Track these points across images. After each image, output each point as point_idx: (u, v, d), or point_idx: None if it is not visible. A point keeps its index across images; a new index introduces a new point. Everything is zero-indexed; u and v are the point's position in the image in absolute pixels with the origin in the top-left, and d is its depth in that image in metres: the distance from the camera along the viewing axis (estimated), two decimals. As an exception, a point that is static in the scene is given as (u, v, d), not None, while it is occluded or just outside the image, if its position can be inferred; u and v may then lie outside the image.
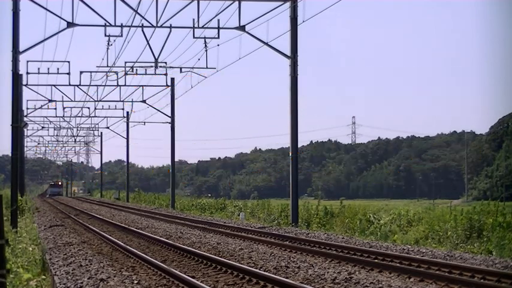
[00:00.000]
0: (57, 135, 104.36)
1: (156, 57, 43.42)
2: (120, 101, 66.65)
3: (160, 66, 49.84)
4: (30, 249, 20.47)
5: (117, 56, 52.17)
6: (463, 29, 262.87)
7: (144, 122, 74.90)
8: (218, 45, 42.28)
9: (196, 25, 37.79)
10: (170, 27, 37.95)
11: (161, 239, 26.38)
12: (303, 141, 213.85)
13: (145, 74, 53.38)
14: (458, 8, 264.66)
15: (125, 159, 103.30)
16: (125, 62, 51.20)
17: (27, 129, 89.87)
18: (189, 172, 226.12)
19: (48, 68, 53.11)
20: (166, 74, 56.52)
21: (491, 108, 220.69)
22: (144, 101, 65.79)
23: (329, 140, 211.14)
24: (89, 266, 18.61)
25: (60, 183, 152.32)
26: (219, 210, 52.47)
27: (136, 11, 36.49)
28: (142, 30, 38.84)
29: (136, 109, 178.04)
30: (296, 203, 35.44)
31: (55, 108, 69.61)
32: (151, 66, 50.02)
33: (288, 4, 35.08)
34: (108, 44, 42.01)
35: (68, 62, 52.37)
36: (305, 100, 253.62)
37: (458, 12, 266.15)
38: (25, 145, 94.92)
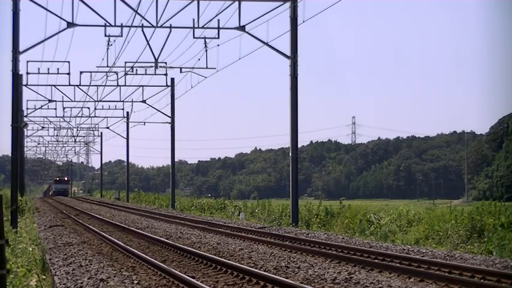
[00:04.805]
0: (57, 135, 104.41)
1: (156, 57, 43.45)
2: (120, 101, 66.71)
3: (161, 66, 49.89)
4: (30, 249, 20.46)
5: (117, 56, 52.28)
6: (463, 29, 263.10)
7: (144, 122, 74.92)
8: (218, 45, 42.39)
9: (196, 25, 37.81)
10: (170, 27, 37.96)
11: (161, 239, 26.38)
12: (303, 141, 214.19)
13: (145, 74, 53.43)
14: (458, 8, 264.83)
15: (125, 159, 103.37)
16: (125, 62, 51.25)
17: (27, 129, 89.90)
18: (189, 172, 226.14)
19: (48, 68, 53.18)
20: (166, 74, 56.61)
21: (491, 108, 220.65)
22: (144, 101, 65.81)
23: (329, 140, 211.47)
24: (89, 266, 18.61)
25: (66, 178, 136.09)
26: (219, 210, 52.46)
27: (136, 11, 36.50)
28: (142, 30, 38.86)
29: (136, 109, 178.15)
30: (296, 203, 35.43)
31: (55, 108, 69.76)
32: (151, 66, 50.05)
33: (288, 4, 35.08)
34: (108, 44, 42.07)
35: (68, 62, 52.51)
36: (305, 100, 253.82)
37: (459, 13, 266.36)
38: (25, 145, 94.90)
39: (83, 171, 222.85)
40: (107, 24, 36.95)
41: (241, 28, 37.03)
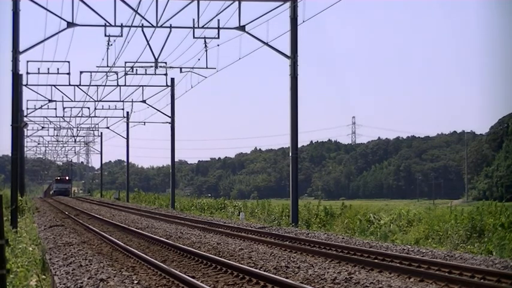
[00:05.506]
0: (57, 135, 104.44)
1: (156, 57, 43.45)
2: (120, 101, 66.73)
3: (161, 66, 49.91)
4: (30, 249, 20.47)
5: (117, 56, 52.38)
6: (463, 29, 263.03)
7: (144, 122, 74.96)
8: (218, 45, 42.40)
9: (196, 25, 37.81)
10: (170, 27, 37.96)
11: (161, 239, 26.38)
12: (303, 141, 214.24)
13: (145, 74, 53.44)
14: (458, 8, 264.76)
15: (125, 159, 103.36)
16: (125, 62, 51.27)
17: (27, 129, 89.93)
18: (189, 172, 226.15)
19: (48, 68, 53.21)
20: (166, 74, 56.61)
21: (491, 108, 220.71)
22: (144, 101, 65.83)
23: (329, 140, 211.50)
24: (89, 266, 18.61)
25: (67, 178, 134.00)
26: (219, 210, 52.46)
27: (136, 11, 36.49)
28: (142, 30, 38.86)
29: (136, 109, 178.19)
30: (296, 203, 35.42)
31: (55, 108, 69.80)
32: (151, 66, 50.07)
33: (288, 4, 35.08)
34: (108, 44, 42.08)
35: (68, 62, 52.54)
36: (305, 100, 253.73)
37: (459, 13, 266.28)
38: (25, 145, 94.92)
39: (83, 171, 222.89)
40: (107, 24, 36.95)
41: (241, 28, 37.03)
